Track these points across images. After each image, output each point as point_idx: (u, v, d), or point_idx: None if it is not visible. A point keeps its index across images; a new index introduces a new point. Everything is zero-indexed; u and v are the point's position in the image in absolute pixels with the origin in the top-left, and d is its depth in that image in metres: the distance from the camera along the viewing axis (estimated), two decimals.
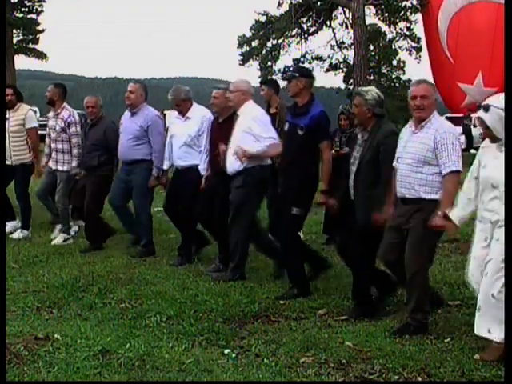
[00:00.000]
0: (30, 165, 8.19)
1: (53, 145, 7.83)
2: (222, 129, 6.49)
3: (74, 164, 7.65)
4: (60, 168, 7.77)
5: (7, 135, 7.97)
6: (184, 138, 6.76)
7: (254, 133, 6.00)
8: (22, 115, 8.09)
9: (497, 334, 4.11)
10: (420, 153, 4.63)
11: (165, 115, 7.57)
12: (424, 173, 4.62)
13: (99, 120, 7.51)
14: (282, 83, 7.34)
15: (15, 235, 8.07)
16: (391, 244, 4.81)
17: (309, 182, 5.59)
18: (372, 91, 5.20)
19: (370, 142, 5.07)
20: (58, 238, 7.82)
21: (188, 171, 6.79)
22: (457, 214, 4.41)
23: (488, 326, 4.15)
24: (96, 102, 7.51)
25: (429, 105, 4.68)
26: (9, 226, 8.25)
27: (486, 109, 4.14)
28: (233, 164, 6.10)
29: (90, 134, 7.53)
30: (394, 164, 4.86)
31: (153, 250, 7.23)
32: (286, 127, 5.77)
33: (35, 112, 8.89)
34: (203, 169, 6.70)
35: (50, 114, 7.99)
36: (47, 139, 7.96)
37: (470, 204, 4.39)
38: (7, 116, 8.00)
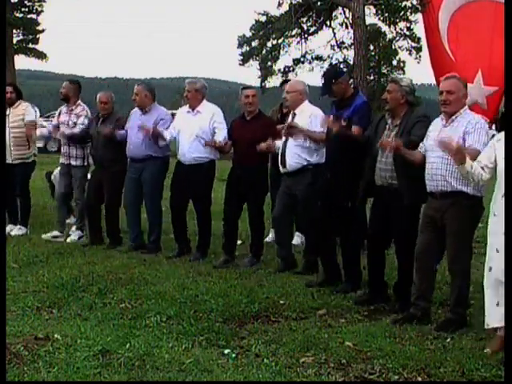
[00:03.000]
0: (30, 162, 8.21)
1: (65, 140, 7.86)
2: (247, 127, 6.65)
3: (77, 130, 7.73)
4: (73, 163, 7.82)
5: (7, 132, 7.97)
6: (195, 132, 6.81)
7: (312, 129, 6.13)
8: (23, 111, 8.12)
9: None
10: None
11: (173, 115, 7.63)
12: None
13: (109, 115, 7.54)
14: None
15: (14, 232, 8.10)
16: (428, 241, 4.86)
17: (357, 174, 5.60)
18: (407, 79, 5.36)
19: (404, 127, 5.15)
20: (72, 236, 7.87)
21: (198, 166, 6.85)
22: (471, 163, 4.39)
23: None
24: (108, 97, 7.56)
25: (455, 99, 4.76)
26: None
27: None
28: (293, 162, 6.25)
29: (100, 129, 7.50)
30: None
31: (160, 246, 7.33)
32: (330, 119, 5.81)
33: (35, 112, 8.89)
34: (221, 138, 6.77)
35: (63, 109, 8.01)
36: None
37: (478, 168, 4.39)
38: (7, 113, 8.01)
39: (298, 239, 7.72)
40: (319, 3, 28.29)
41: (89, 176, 7.95)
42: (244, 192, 6.70)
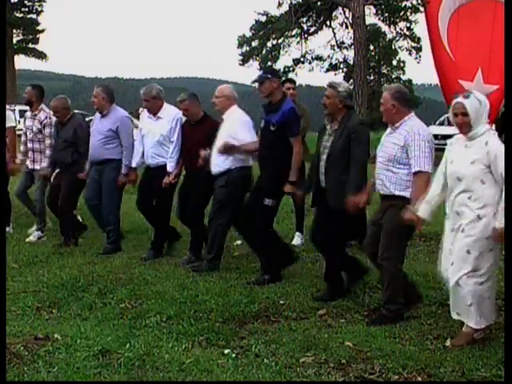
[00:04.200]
0: None
1: (29, 145, 7.95)
2: (193, 131, 6.81)
3: (44, 164, 7.79)
4: (37, 167, 7.90)
5: None
6: (156, 137, 6.98)
7: (238, 137, 6.32)
8: None
9: (465, 318, 4.42)
10: (390, 152, 4.91)
11: (139, 115, 7.70)
12: (394, 171, 4.89)
13: (70, 119, 7.63)
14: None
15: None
16: (373, 238, 5.05)
17: (280, 175, 5.90)
18: (343, 84, 5.56)
19: (340, 132, 5.35)
20: (31, 237, 7.89)
21: (161, 169, 6.96)
22: (423, 208, 4.60)
23: (457, 310, 4.45)
24: (58, 105, 7.61)
25: (385, 110, 4.98)
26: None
27: (467, 96, 4.38)
28: (216, 165, 6.43)
29: (61, 133, 7.63)
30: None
31: (119, 246, 7.37)
32: (262, 124, 6.10)
33: (14, 116, 8.87)
34: (172, 166, 6.91)
35: (27, 114, 8.08)
36: (23, 138, 8.03)
37: (435, 198, 4.60)
38: None
39: (298, 239, 7.75)
40: (319, 3, 28.33)
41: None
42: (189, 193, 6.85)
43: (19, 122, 8.32)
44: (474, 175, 4.28)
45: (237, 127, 6.38)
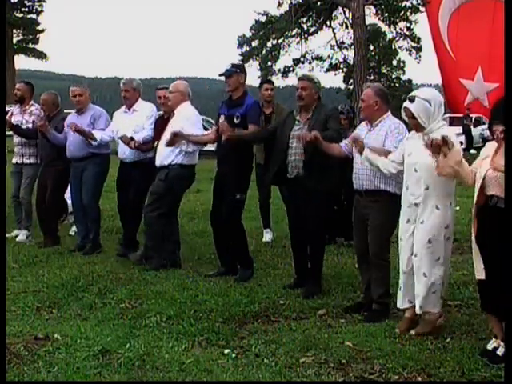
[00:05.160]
0: None
1: (17, 139, 7.92)
2: (164, 125, 6.75)
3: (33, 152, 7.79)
4: (27, 161, 7.89)
5: None
6: (133, 128, 6.94)
7: (186, 132, 6.36)
8: None
9: (429, 305, 4.57)
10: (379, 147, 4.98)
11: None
12: None
13: (56, 114, 7.66)
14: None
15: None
16: (362, 236, 5.10)
17: (245, 169, 6.08)
18: (315, 76, 5.83)
19: (315, 119, 5.55)
20: (20, 236, 7.89)
21: (136, 165, 6.95)
22: (370, 153, 4.84)
23: (419, 298, 4.56)
24: (46, 100, 7.66)
25: (366, 106, 5.09)
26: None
27: (412, 100, 4.55)
28: (160, 158, 6.49)
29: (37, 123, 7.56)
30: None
31: (99, 244, 7.38)
32: (222, 119, 6.13)
33: None
34: (139, 139, 6.83)
35: (16, 110, 8.06)
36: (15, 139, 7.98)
37: (379, 161, 4.81)
38: None
39: (266, 236, 7.89)
40: (319, 3, 28.34)
41: None
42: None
43: None
44: (432, 166, 4.41)
45: (185, 122, 6.40)
